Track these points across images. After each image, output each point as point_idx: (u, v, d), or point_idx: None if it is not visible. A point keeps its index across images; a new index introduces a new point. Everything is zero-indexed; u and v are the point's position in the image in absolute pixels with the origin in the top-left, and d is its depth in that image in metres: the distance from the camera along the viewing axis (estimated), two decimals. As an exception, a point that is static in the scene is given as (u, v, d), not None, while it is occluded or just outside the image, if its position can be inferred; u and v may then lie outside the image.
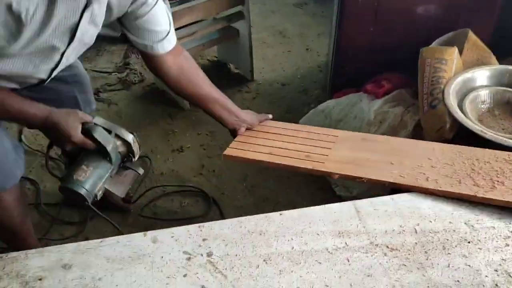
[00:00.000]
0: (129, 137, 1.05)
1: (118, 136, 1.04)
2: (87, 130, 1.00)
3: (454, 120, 1.35)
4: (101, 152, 1.01)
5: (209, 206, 1.81)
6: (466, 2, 1.89)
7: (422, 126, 1.51)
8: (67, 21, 0.92)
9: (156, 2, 1.09)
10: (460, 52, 1.60)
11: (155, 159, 2.07)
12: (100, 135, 1.00)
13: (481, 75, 1.53)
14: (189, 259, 0.89)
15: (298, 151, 1.20)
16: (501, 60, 1.68)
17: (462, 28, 1.76)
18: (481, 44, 1.66)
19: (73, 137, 0.98)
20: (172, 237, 0.94)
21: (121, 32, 1.16)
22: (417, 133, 1.56)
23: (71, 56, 1.06)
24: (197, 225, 0.97)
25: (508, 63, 1.64)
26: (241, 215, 1.49)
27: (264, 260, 0.88)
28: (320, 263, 0.87)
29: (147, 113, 2.39)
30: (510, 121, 1.43)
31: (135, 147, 1.07)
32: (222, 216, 1.76)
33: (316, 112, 1.98)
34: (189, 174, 1.99)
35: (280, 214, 0.99)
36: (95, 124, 1.02)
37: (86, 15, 0.94)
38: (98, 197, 1.03)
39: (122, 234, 0.96)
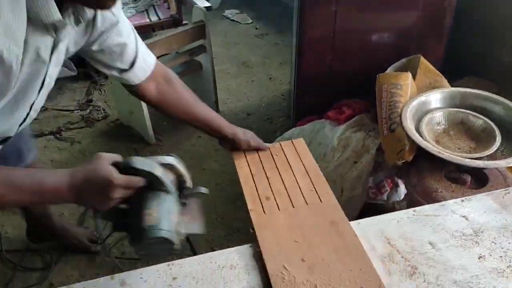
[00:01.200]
0: (169, 159, 0.87)
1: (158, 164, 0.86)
2: (124, 167, 0.81)
3: (413, 142, 1.41)
4: (152, 186, 0.83)
5: (180, 241, 1.77)
6: (417, 29, 2.00)
7: (383, 149, 1.56)
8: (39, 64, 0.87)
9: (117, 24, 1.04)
10: (414, 77, 1.68)
11: (122, 196, 2.02)
12: (142, 164, 0.81)
13: (435, 98, 1.60)
14: (159, 300, 0.87)
15: (269, 188, 1.12)
16: (451, 82, 1.77)
17: (414, 53, 1.86)
18: (432, 68, 1.75)
19: (115, 179, 0.79)
20: (141, 278, 0.91)
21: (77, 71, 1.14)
22: (379, 156, 1.61)
23: (38, 106, 1.02)
24: (166, 263, 0.95)
25: (459, 85, 1.74)
26: (212, 248, 1.47)
27: (235, 296, 0.87)
28: (292, 294, 0.87)
29: (111, 150, 2.32)
30: (464, 141, 1.50)
31: (181, 167, 0.89)
32: (193, 251, 1.73)
33: (281, 140, 2.01)
34: (157, 209, 1.96)
35: (250, 246, 0.99)
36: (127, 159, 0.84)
37: (54, 57, 0.91)
38: (183, 237, 0.85)
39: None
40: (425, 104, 1.58)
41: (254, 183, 1.15)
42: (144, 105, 2.14)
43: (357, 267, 0.89)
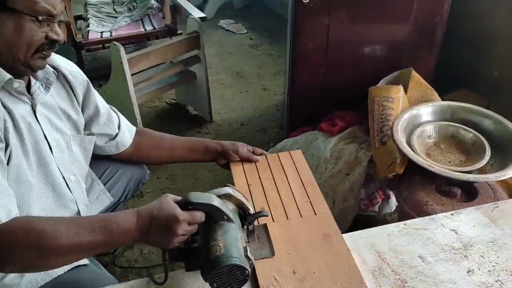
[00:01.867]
0: (226, 189, 0.91)
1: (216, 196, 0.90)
2: (184, 204, 0.84)
3: (404, 155, 1.42)
4: (213, 218, 0.86)
5: (171, 252, 1.76)
6: (408, 42, 2.03)
7: (375, 162, 1.58)
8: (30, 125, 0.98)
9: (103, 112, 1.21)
10: (405, 90, 1.70)
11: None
12: (199, 198, 0.85)
13: (426, 111, 1.62)
14: (149, 313, 0.86)
15: (264, 198, 1.13)
16: (442, 95, 1.80)
17: (406, 66, 1.89)
18: (423, 82, 1.77)
19: (180, 215, 0.82)
20: (131, 290, 0.91)
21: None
22: (371, 168, 1.62)
23: (68, 168, 1.08)
24: (157, 276, 0.95)
25: (449, 98, 1.76)
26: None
27: (226, 309, 0.87)
28: (282, 307, 0.87)
29: (105, 159, 2.35)
30: (455, 154, 1.51)
31: (239, 195, 0.92)
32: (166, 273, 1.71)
33: (274, 151, 2.02)
34: (149, 219, 1.95)
35: (241, 259, 0.99)
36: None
37: (40, 117, 1.01)
38: (253, 260, 0.86)
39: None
40: (416, 117, 1.60)
41: (250, 193, 1.15)
42: (138, 118, 2.14)
43: (348, 281, 0.89)
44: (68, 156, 1.09)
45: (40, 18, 0.89)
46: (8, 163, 0.90)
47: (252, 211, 0.95)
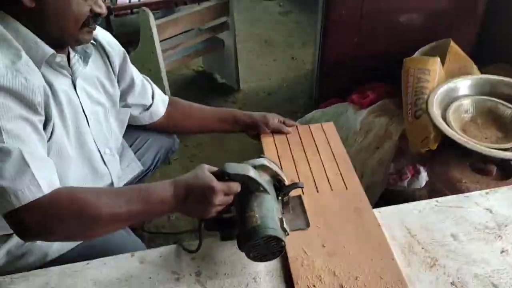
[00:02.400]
0: (261, 160, 0.90)
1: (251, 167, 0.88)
2: (221, 175, 0.84)
3: (438, 130, 1.37)
4: (249, 189, 0.86)
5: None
6: (448, 12, 1.93)
7: (407, 136, 1.53)
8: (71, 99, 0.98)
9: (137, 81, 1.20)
10: (442, 62, 1.63)
11: (142, 172, 2.05)
12: (235, 169, 0.84)
13: (464, 85, 1.55)
14: (178, 279, 0.88)
15: (295, 171, 1.12)
16: (481, 69, 1.71)
17: (444, 37, 1.79)
18: (462, 53, 1.69)
19: (216, 186, 0.82)
20: (160, 257, 0.93)
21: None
22: (403, 143, 1.58)
23: (103, 141, 1.08)
24: (187, 243, 0.96)
25: (488, 72, 1.67)
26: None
27: (253, 278, 0.88)
28: (309, 279, 0.87)
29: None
30: (492, 130, 1.45)
31: (274, 167, 0.90)
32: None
33: (302, 122, 2.00)
34: (176, 186, 1.97)
35: (269, 230, 0.99)
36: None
37: (79, 90, 1.01)
38: (289, 231, 0.85)
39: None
40: (453, 91, 1.53)
41: (280, 165, 1.14)
42: (166, 85, 2.13)
43: (378, 257, 0.88)
44: (106, 129, 1.09)
45: None
46: (50, 138, 0.90)
47: (287, 182, 0.93)
